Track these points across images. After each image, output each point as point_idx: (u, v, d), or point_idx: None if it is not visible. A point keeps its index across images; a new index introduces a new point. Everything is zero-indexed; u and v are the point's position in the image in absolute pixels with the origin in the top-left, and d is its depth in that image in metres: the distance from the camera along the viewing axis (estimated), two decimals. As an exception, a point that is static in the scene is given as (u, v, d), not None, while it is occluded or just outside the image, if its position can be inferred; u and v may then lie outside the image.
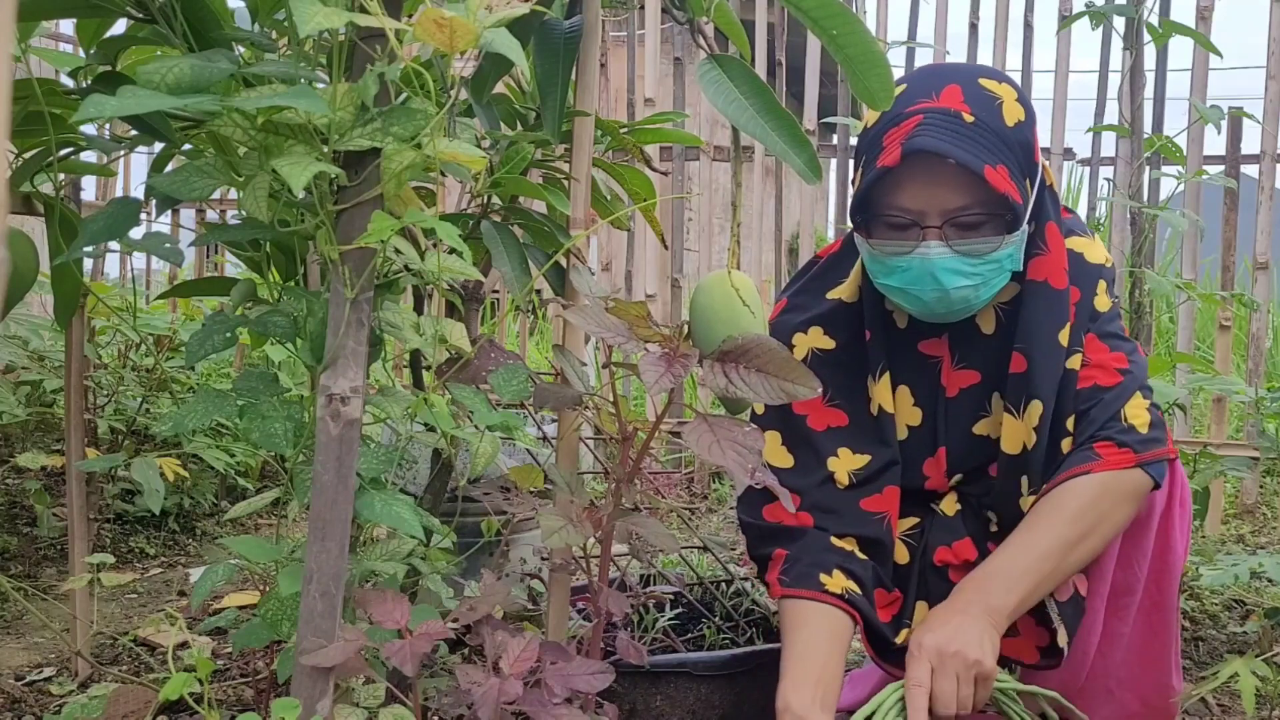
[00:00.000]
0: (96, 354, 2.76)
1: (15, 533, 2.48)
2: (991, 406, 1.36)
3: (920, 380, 1.38)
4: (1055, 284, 1.31)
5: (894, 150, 1.22)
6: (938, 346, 1.38)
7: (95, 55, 1.21)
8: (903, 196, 1.25)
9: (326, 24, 0.87)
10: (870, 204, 1.28)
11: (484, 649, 1.06)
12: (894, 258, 1.27)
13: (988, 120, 1.23)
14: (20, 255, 1.45)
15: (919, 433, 1.38)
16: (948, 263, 1.24)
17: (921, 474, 1.39)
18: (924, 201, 1.24)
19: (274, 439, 1.06)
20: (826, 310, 1.41)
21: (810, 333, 1.40)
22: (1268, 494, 3.34)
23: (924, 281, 1.26)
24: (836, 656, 1.27)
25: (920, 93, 1.26)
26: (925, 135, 1.21)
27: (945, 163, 1.21)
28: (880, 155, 1.24)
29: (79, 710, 1.36)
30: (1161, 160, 2.96)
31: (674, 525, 2.87)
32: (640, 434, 1.19)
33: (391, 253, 1.04)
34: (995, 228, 1.25)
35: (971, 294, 1.27)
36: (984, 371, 1.35)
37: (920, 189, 1.24)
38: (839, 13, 1.16)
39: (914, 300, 1.29)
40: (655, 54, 3.70)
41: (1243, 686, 1.25)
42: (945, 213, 1.24)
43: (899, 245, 1.26)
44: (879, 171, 1.24)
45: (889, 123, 1.25)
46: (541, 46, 1.29)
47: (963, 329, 1.35)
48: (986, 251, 1.25)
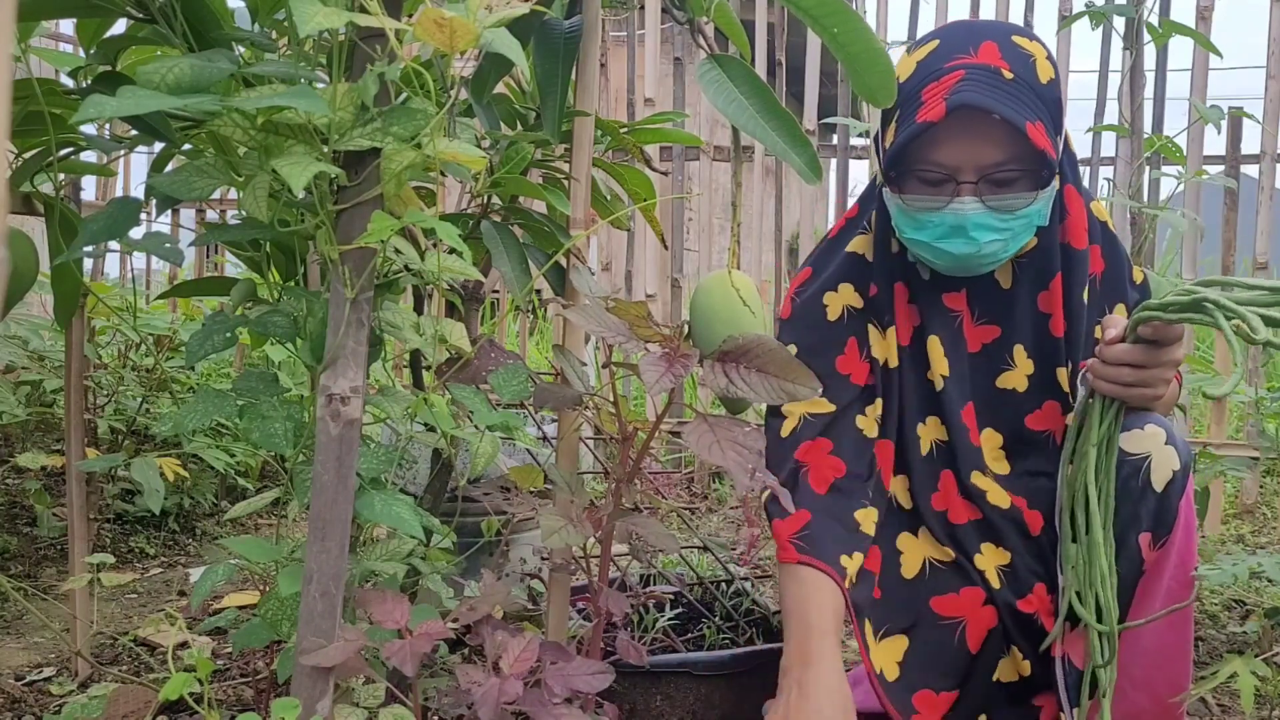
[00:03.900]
0: (96, 354, 2.76)
1: (15, 533, 2.48)
2: (1014, 360, 1.38)
3: (946, 333, 1.39)
4: (1077, 245, 1.35)
5: (937, 105, 1.23)
6: (957, 300, 1.39)
7: (95, 55, 1.21)
8: (940, 151, 1.26)
9: (326, 24, 0.87)
10: (904, 159, 1.28)
11: (484, 649, 1.06)
12: (925, 213, 1.28)
13: (1025, 77, 1.25)
14: (20, 255, 1.45)
15: (949, 384, 1.39)
16: (980, 218, 1.26)
17: (962, 424, 1.39)
18: (961, 157, 1.25)
19: (274, 439, 1.06)
20: (849, 265, 1.43)
21: (841, 290, 1.42)
22: (1268, 494, 3.34)
23: (955, 236, 1.27)
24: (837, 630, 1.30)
25: (957, 49, 1.26)
26: (968, 90, 1.22)
27: (986, 118, 1.23)
28: (920, 110, 1.24)
29: (79, 710, 1.36)
30: (1161, 160, 2.96)
31: (674, 525, 2.87)
32: (640, 434, 1.19)
33: (391, 253, 1.04)
34: (1028, 184, 1.27)
35: (1000, 249, 1.29)
36: (1004, 326, 1.38)
37: (959, 144, 1.25)
38: (840, 10, 1.16)
39: (942, 255, 1.30)
40: (655, 54, 3.70)
41: (1242, 686, 1.25)
42: (981, 168, 1.26)
43: (932, 200, 1.27)
44: (920, 126, 1.24)
45: (928, 77, 1.26)
46: (541, 46, 1.29)
47: (981, 284, 1.38)
48: (1019, 207, 1.27)
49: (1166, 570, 1.32)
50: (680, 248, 3.77)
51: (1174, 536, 1.31)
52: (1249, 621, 2.09)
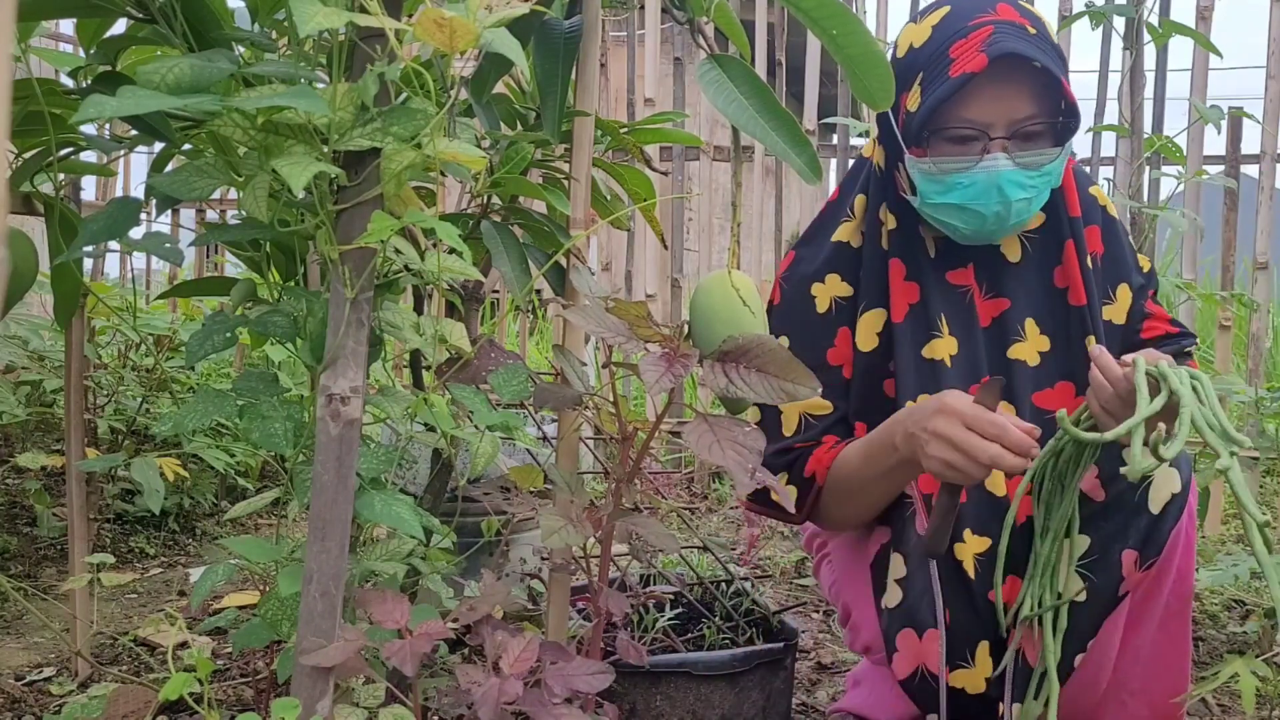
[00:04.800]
0: (96, 354, 2.77)
1: (15, 533, 2.48)
2: (1024, 331, 1.38)
3: (953, 310, 1.38)
4: (1073, 213, 1.37)
5: (974, 57, 1.22)
6: (964, 276, 1.39)
7: (95, 55, 1.21)
8: (973, 107, 1.26)
9: (326, 24, 0.87)
10: (933, 120, 1.27)
11: (484, 649, 1.06)
12: (955, 174, 1.27)
13: (1044, 34, 1.26)
14: (20, 255, 1.45)
15: (959, 360, 1.38)
16: (1011, 174, 1.26)
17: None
18: (994, 112, 1.25)
19: (274, 439, 1.06)
20: (834, 254, 1.42)
21: (828, 280, 1.42)
22: (1268, 494, 3.34)
23: (989, 195, 1.27)
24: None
25: (974, 10, 1.27)
26: (1006, 41, 1.22)
27: (1018, 71, 1.23)
28: (953, 66, 1.24)
29: (79, 710, 1.36)
30: (1161, 160, 2.96)
31: (674, 525, 2.87)
32: (640, 434, 1.19)
33: (391, 253, 1.04)
34: (1050, 138, 1.28)
35: (1026, 207, 1.29)
36: (1013, 298, 1.38)
37: (994, 98, 1.25)
38: (839, 13, 1.16)
39: (973, 217, 1.29)
40: (655, 54, 3.70)
41: (1243, 686, 1.25)
42: (1012, 123, 1.26)
43: (962, 160, 1.27)
44: (960, 79, 1.23)
45: (952, 36, 1.26)
46: (541, 46, 1.29)
47: (988, 258, 1.38)
48: (1044, 163, 1.27)
49: (1166, 586, 1.32)
50: (680, 248, 3.77)
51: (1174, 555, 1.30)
52: (1249, 621, 2.09)
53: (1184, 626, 1.36)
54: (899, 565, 1.35)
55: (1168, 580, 1.31)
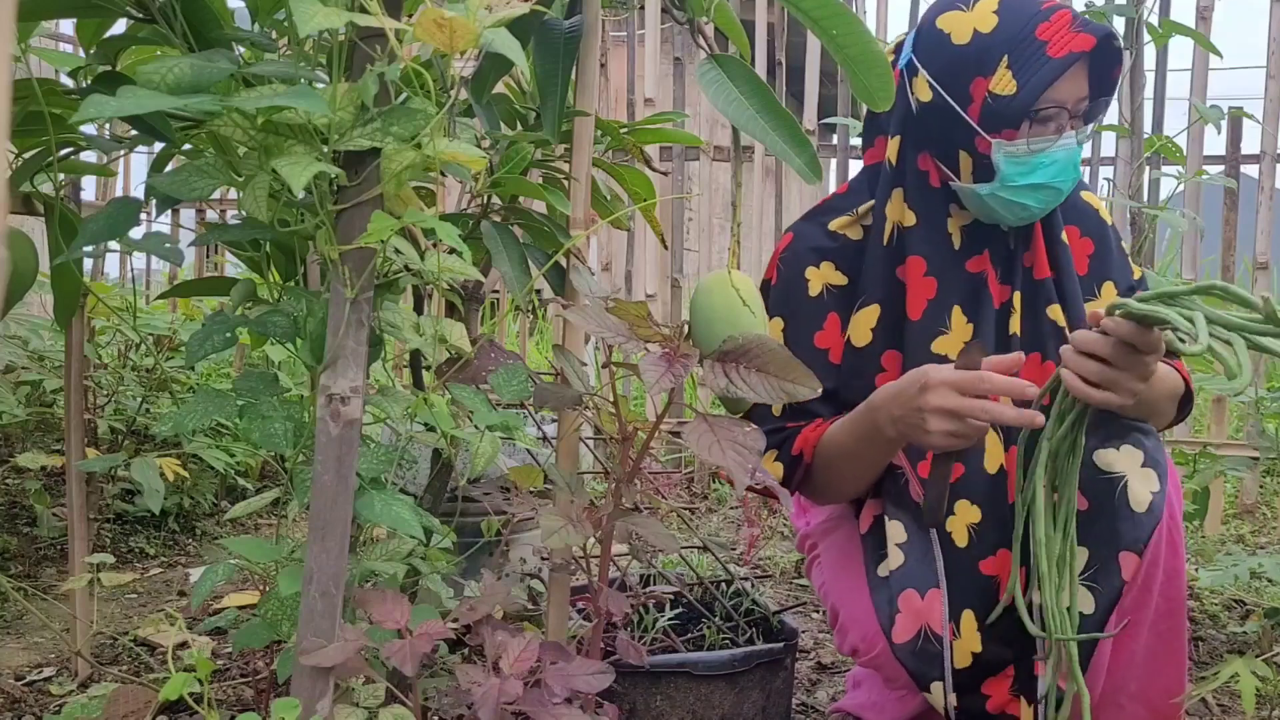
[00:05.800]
0: (96, 354, 2.77)
1: (15, 533, 2.48)
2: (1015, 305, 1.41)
3: (970, 297, 1.40)
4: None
5: (1073, 37, 1.27)
6: (980, 263, 1.41)
7: (95, 55, 1.21)
8: (1062, 88, 1.30)
9: (326, 24, 0.87)
10: (1027, 100, 1.30)
11: (484, 649, 1.06)
12: (1041, 154, 1.31)
13: None
14: (20, 255, 1.45)
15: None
16: (1077, 151, 1.33)
17: None
18: (1069, 91, 1.30)
19: (274, 439, 1.06)
20: (832, 242, 1.45)
21: (822, 267, 1.44)
22: (1267, 494, 3.35)
23: (1067, 172, 1.32)
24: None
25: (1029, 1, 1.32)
26: (1091, 22, 1.29)
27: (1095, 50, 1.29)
28: (1049, 47, 1.28)
29: (79, 710, 1.36)
30: (1161, 160, 2.96)
31: (674, 525, 2.87)
32: (640, 434, 1.19)
33: (391, 253, 1.04)
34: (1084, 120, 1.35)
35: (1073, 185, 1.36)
36: (1013, 285, 1.41)
37: (1072, 78, 1.30)
38: (839, 13, 1.16)
39: (1051, 195, 1.33)
40: (655, 54, 3.70)
41: (1243, 686, 1.25)
42: (1079, 101, 1.32)
43: (1046, 140, 1.31)
44: (1065, 59, 1.27)
45: (1032, 20, 1.29)
46: (541, 46, 1.29)
47: (999, 245, 1.41)
48: (1083, 141, 1.34)
49: (1155, 587, 1.31)
50: (680, 248, 3.77)
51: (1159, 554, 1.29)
52: (1249, 621, 2.09)
53: (1178, 627, 1.35)
54: (898, 530, 1.37)
55: (1155, 582, 1.31)
